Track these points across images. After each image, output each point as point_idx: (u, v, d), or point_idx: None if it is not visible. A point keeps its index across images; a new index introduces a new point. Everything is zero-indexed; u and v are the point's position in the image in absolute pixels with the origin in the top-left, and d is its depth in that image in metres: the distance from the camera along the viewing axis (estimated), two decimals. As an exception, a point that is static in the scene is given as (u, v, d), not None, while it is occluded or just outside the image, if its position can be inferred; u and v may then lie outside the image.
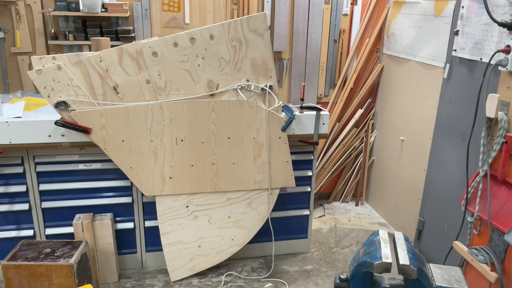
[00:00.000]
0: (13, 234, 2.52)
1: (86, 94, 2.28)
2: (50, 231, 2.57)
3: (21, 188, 2.46)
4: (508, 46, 1.87)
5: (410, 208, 3.10)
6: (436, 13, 2.72)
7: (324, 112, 2.67)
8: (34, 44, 3.20)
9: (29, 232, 2.54)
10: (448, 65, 2.62)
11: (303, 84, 2.68)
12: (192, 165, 2.50)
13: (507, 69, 1.88)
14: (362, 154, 3.65)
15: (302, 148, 2.77)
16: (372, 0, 3.34)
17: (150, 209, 2.64)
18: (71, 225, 2.48)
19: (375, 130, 3.62)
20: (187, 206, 2.58)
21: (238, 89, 2.41)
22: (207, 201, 2.59)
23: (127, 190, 2.62)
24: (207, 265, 2.69)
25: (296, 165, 2.70)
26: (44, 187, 2.50)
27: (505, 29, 1.89)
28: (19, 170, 2.44)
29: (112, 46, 2.49)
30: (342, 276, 1.74)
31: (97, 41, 2.66)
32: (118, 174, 2.50)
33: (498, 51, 1.90)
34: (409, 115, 3.09)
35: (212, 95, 2.40)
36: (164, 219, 2.57)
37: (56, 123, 2.30)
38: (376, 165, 3.63)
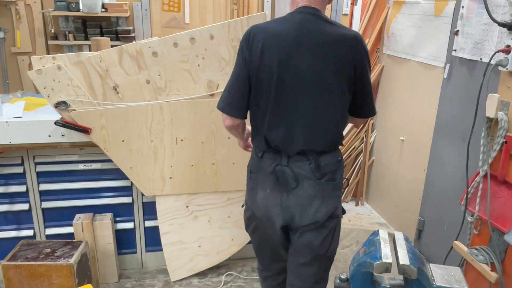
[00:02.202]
0: (13, 234, 2.52)
1: (86, 94, 2.28)
2: (50, 231, 2.57)
3: (21, 188, 2.46)
4: (508, 46, 1.87)
5: (410, 208, 3.10)
6: (436, 13, 2.72)
7: (324, 112, 2.66)
8: (34, 44, 3.20)
9: (29, 232, 2.54)
10: (448, 65, 2.62)
11: (303, 84, 2.67)
12: (192, 165, 2.50)
13: (507, 69, 1.88)
14: (362, 154, 3.65)
15: (302, 148, 2.76)
16: (372, 0, 3.34)
17: (150, 209, 2.64)
18: (71, 225, 2.48)
19: (375, 130, 3.62)
20: (187, 206, 2.58)
21: (238, 89, 2.41)
22: (207, 201, 2.59)
23: (127, 190, 2.62)
24: (207, 265, 2.69)
25: (296, 165, 2.70)
26: (44, 187, 2.50)
27: (505, 29, 1.89)
28: (19, 170, 2.44)
29: (112, 46, 2.49)
30: (342, 276, 1.73)
31: (97, 41, 2.66)
32: (118, 174, 2.50)
33: (498, 51, 1.90)
34: (409, 115, 3.09)
35: (212, 95, 2.40)
36: (164, 219, 2.57)
37: (56, 123, 2.30)
38: (376, 165, 3.63)
